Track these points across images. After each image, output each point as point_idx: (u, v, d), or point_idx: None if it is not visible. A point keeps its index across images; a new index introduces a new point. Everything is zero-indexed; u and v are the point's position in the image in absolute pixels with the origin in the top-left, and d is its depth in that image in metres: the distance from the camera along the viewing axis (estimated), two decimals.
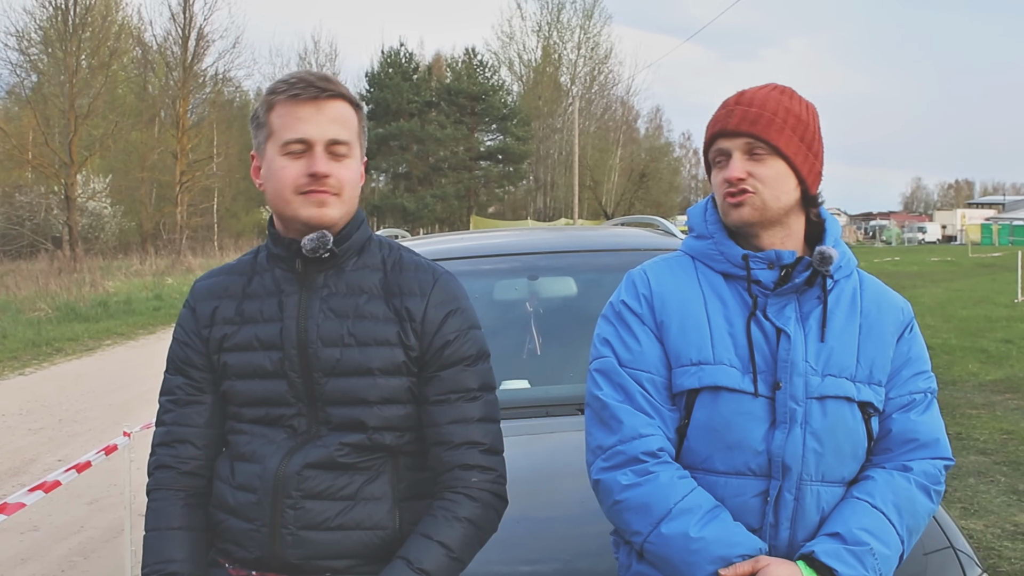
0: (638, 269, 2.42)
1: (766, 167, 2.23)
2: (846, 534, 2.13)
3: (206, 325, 2.32)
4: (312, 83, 2.21)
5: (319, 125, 2.19)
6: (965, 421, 9.84)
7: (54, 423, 10.76)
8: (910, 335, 2.36)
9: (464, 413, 2.26)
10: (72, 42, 40.75)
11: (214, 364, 2.31)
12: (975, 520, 6.60)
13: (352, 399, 2.20)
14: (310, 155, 2.19)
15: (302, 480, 2.17)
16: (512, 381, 3.92)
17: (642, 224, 6.02)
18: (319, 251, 2.20)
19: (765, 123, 2.22)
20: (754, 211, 2.23)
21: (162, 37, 51.47)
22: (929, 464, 2.27)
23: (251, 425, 2.27)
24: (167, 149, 49.74)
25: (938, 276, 34.84)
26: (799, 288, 2.24)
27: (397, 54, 67.73)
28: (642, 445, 2.20)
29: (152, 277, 33.11)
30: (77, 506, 7.49)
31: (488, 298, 4.53)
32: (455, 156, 67.37)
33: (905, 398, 2.30)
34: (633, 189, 69.28)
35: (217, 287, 2.36)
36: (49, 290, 26.28)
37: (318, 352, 2.21)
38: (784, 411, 2.18)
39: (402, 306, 2.25)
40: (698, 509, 2.14)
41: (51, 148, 40.08)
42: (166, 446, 2.32)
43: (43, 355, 16.46)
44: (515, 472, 2.39)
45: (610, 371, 2.30)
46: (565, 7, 75.44)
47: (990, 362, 13.79)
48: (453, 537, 2.17)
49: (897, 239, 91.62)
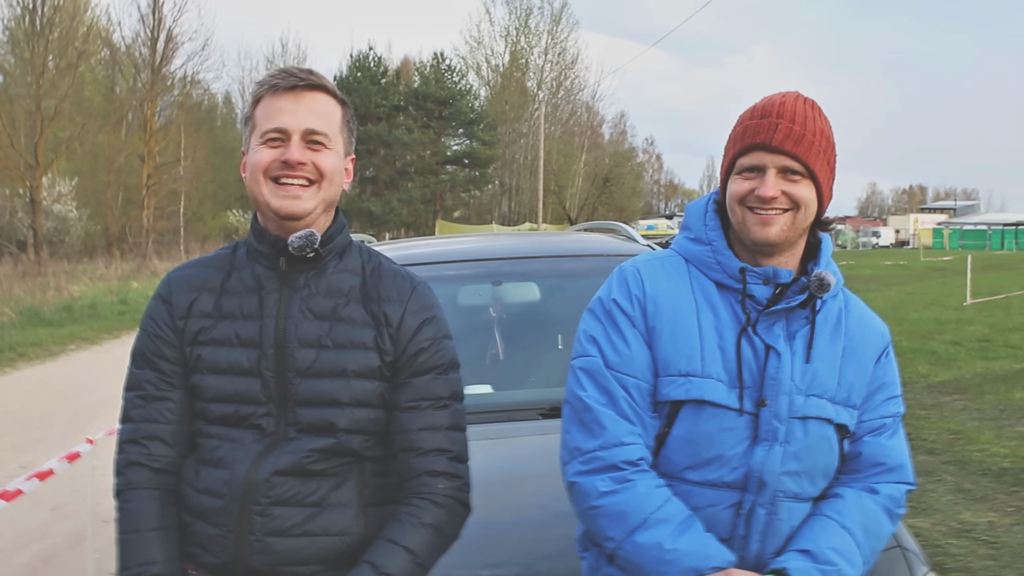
0: (630, 266, 2.38)
1: (800, 189, 2.19)
2: (817, 552, 2.16)
3: (182, 316, 2.29)
4: (293, 74, 2.24)
5: (296, 115, 2.21)
6: (914, 422, 9.97)
7: (17, 429, 10.63)
8: (886, 359, 2.40)
9: (434, 420, 2.27)
10: (39, 42, 40.33)
11: (186, 357, 2.27)
12: (923, 518, 6.72)
13: (324, 400, 2.20)
14: (286, 145, 2.20)
15: (271, 487, 2.17)
16: (475, 386, 3.92)
17: (604, 230, 6.07)
18: (306, 249, 2.21)
19: (807, 145, 2.18)
20: (782, 231, 2.20)
21: (131, 38, 51.41)
22: (894, 488, 2.32)
23: (217, 427, 2.24)
24: (134, 152, 49.33)
25: (891, 280, 35.38)
26: (790, 308, 2.24)
27: (366, 58, 67.37)
28: (623, 453, 2.20)
29: (117, 281, 32.77)
30: (39, 513, 7.41)
31: (452, 303, 4.54)
32: (422, 160, 67.14)
33: (876, 422, 2.34)
34: (597, 194, 69.28)
35: (195, 279, 2.33)
36: (13, 294, 25.91)
37: (294, 352, 2.21)
38: (767, 429, 2.19)
39: (380, 311, 2.27)
40: (672, 520, 2.14)
41: (16, 150, 39.65)
42: (136, 444, 2.27)
43: (6, 360, 16.23)
44: (477, 476, 2.40)
45: (596, 372, 2.26)
46: (533, 12, 75.61)
47: (939, 364, 14.04)
48: (418, 542, 2.19)
49: (852, 243, 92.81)
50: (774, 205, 2.18)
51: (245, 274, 2.30)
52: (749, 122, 2.24)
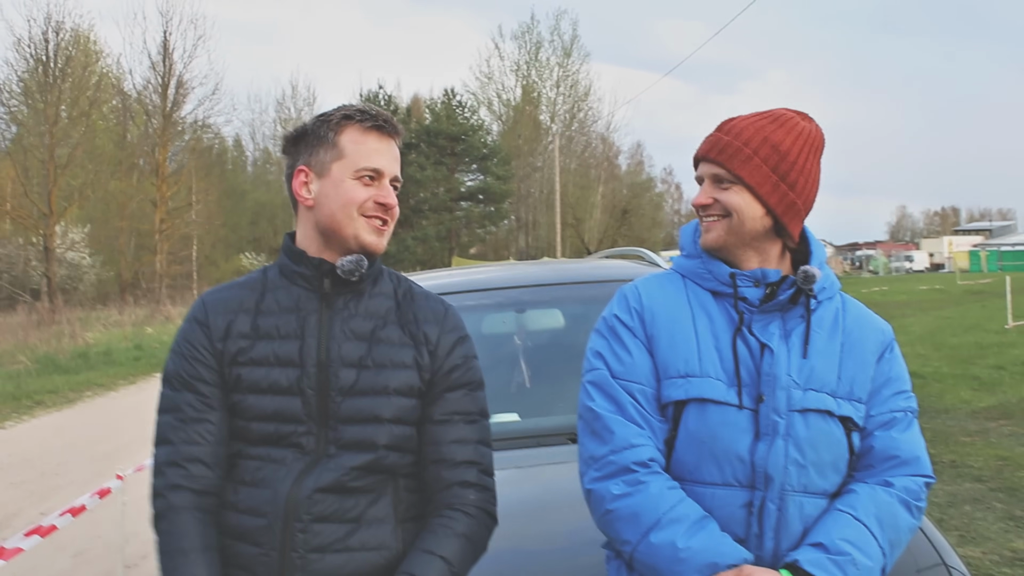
0: (630, 285, 2.50)
1: (730, 196, 2.32)
2: (828, 544, 2.18)
3: (220, 338, 2.33)
4: (388, 120, 2.39)
5: (390, 160, 2.37)
6: (959, 449, 9.82)
7: (36, 476, 10.66)
8: (890, 355, 2.44)
9: (464, 434, 2.37)
10: (52, 93, 40.91)
11: (226, 377, 2.31)
12: (972, 547, 6.55)
13: (365, 417, 2.27)
14: (379, 185, 2.35)
15: (312, 504, 2.22)
16: (502, 414, 3.91)
17: (628, 256, 6.03)
18: (354, 273, 2.32)
19: (731, 152, 2.31)
20: (718, 237, 2.35)
21: (142, 85, 51.91)
22: (910, 480, 2.33)
23: (259, 447, 2.28)
24: (146, 197, 49.87)
25: (927, 304, 34.99)
26: (784, 306, 2.33)
27: (376, 97, 67.98)
28: (633, 455, 2.27)
29: (132, 327, 33.01)
30: (62, 559, 7.38)
31: (476, 332, 4.49)
32: (435, 197, 67.43)
33: (886, 416, 2.37)
34: (616, 225, 69.51)
35: (231, 301, 2.39)
36: (28, 342, 26.15)
37: (337, 371, 2.28)
38: (767, 423, 2.25)
39: (419, 331, 2.39)
40: (686, 519, 2.20)
41: (30, 199, 40.19)
42: (176, 466, 2.28)
43: (23, 408, 16.33)
44: (507, 504, 2.45)
45: (602, 383, 2.37)
46: (543, 46, 75.75)
47: (983, 389, 13.81)
48: (453, 552, 2.26)
49: (884, 268, 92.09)
50: (710, 212, 2.35)
51: (280, 295, 2.37)
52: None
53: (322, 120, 2.39)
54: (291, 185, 2.40)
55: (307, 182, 2.37)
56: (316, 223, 2.35)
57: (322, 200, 2.34)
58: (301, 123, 2.47)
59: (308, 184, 2.36)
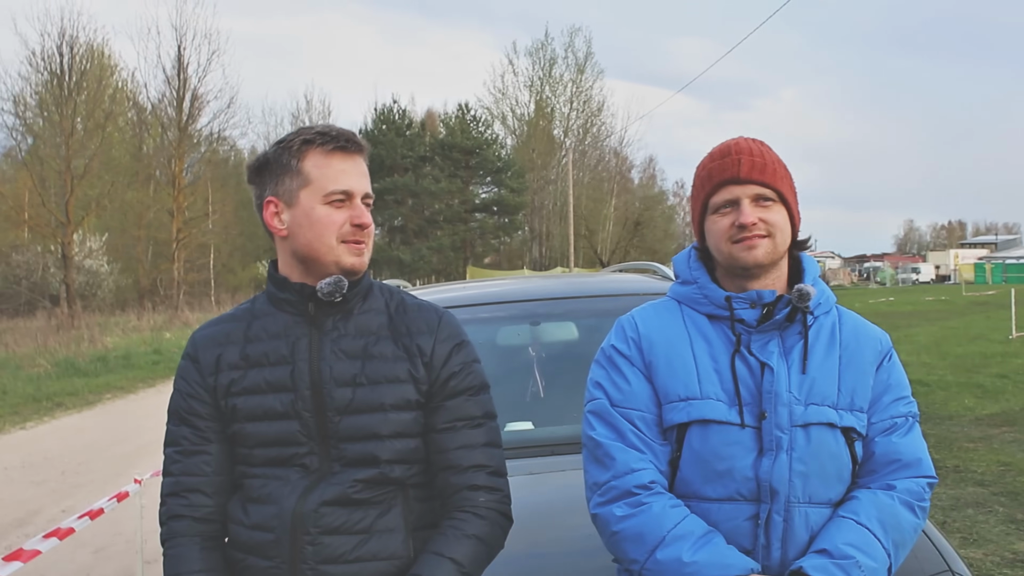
0: (627, 315, 2.56)
1: (774, 213, 2.38)
2: (833, 550, 2.22)
3: (211, 372, 2.37)
4: (349, 138, 2.34)
5: (358, 178, 2.34)
6: (963, 454, 9.94)
7: (57, 475, 10.78)
8: (889, 364, 2.48)
9: (470, 439, 2.37)
10: (67, 105, 40.80)
11: (222, 409, 2.36)
12: (974, 549, 6.68)
13: (365, 434, 2.28)
14: (351, 206, 2.32)
15: (319, 517, 2.24)
16: (517, 423, 4.00)
17: (639, 270, 6.09)
18: (335, 295, 2.29)
19: (771, 172, 2.38)
20: (767, 253, 2.36)
21: (157, 98, 51.72)
22: (912, 482, 2.37)
23: (263, 468, 2.32)
24: (163, 207, 49.77)
25: (933, 315, 34.99)
26: (781, 324, 2.37)
27: (390, 111, 67.79)
28: (634, 479, 2.32)
29: (150, 332, 32.99)
30: (83, 554, 7.52)
31: (491, 344, 4.61)
32: (450, 209, 67.42)
33: (887, 422, 2.41)
34: (628, 237, 69.23)
35: (219, 335, 2.41)
36: (48, 346, 26.18)
37: (332, 392, 2.29)
38: (770, 439, 2.29)
39: (412, 344, 2.36)
40: (690, 535, 2.24)
41: (48, 208, 40.14)
42: (177, 496, 2.37)
43: (44, 410, 16.45)
44: (522, 509, 2.47)
45: (602, 412, 2.42)
46: (557, 62, 75.60)
47: (986, 397, 13.91)
48: (463, 553, 2.26)
49: (891, 280, 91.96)
50: (754, 232, 2.35)
51: (267, 322, 2.38)
52: (711, 164, 2.44)
53: (283, 147, 2.34)
54: (263, 216, 2.37)
55: (278, 212, 2.34)
56: (293, 252, 2.33)
57: (295, 230, 2.31)
58: (262, 152, 2.44)
59: (279, 215, 2.34)
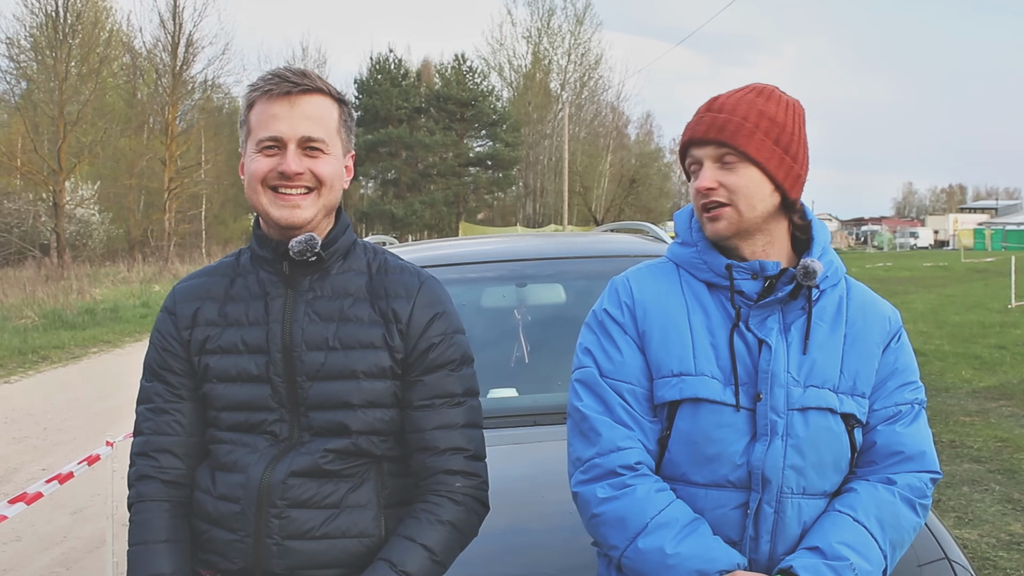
0: (621, 276, 2.39)
1: (737, 175, 2.18)
2: (826, 548, 2.09)
3: (187, 327, 2.27)
4: (286, 78, 2.19)
5: (291, 122, 2.17)
6: (959, 429, 9.81)
7: (39, 431, 10.72)
8: (897, 345, 2.31)
9: (448, 419, 2.25)
10: (62, 49, 40.70)
11: (194, 367, 2.26)
12: (969, 529, 6.55)
13: (335, 403, 2.17)
14: (283, 154, 2.17)
15: (287, 489, 2.15)
16: (500, 389, 3.87)
17: (631, 230, 6.00)
18: (306, 254, 2.18)
19: (733, 129, 2.18)
20: (730, 224, 2.20)
21: (151, 44, 51.45)
22: (914, 477, 2.23)
23: (231, 433, 2.22)
24: (155, 156, 49.65)
25: (931, 282, 34.79)
26: (783, 299, 2.20)
27: (386, 60, 67.64)
28: (620, 458, 2.18)
29: (140, 284, 33.04)
30: (60, 516, 7.45)
31: (476, 305, 4.51)
32: (444, 162, 67.26)
33: (891, 409, 2.26)
34: (623, 195, 69.20)
35: (199, 288, 2.32)
36: (36, 297, 26.15)
37: (302, 356, 2.19)
38: (765, 423, 2.15)
39: (388, 308, 2.24)
40: (675, 524, 2.11)
41: (40, 155, 40.03)
42: (146, 456, 2.27)
43: (29, 363, 16.40)
44: (502, 482, 2.37)
45: (591, 382, 2.27)
46: (556, 13, 75.71)
47: (984, 368, 13.79)
48: (436, 540, 2.16)
49: (889, 244, 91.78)
50: (713, 198, 2.18)
51: (250, 280, 2.28)
52: (687, 123, 2.28)
53: (244, 99, 2.28)
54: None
55: (243, 166, 2.27)
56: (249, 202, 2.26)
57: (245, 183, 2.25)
58: None
59: (243, 168, 2.27)
